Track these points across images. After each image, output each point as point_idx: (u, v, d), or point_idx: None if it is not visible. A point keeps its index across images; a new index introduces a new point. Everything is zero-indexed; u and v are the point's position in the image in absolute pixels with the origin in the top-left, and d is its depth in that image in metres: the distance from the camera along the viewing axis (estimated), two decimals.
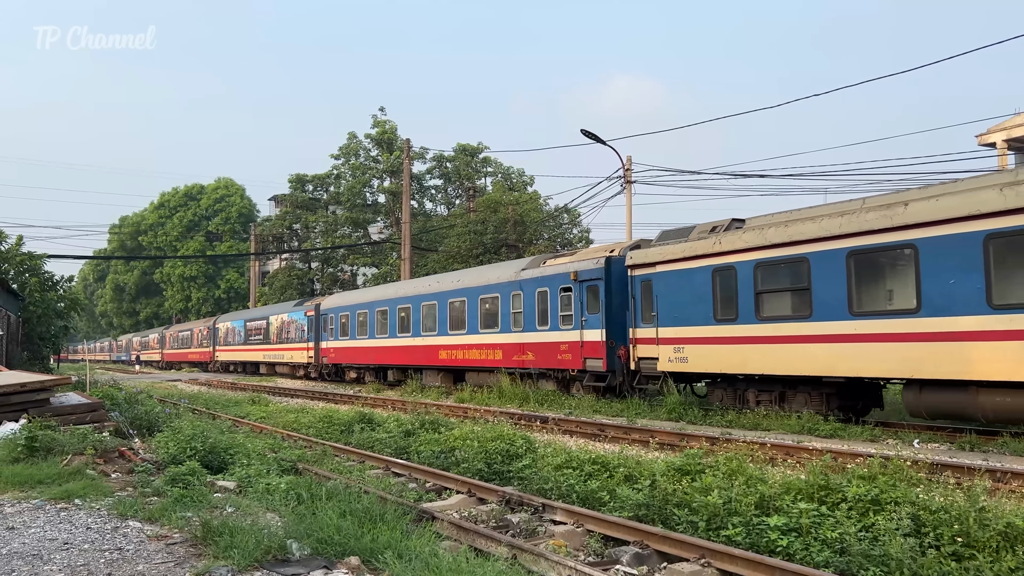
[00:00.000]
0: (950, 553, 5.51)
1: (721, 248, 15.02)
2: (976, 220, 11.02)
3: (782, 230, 13.87)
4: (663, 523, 6.91)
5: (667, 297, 16.22)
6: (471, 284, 23.41)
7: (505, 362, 21.42)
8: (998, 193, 10.81)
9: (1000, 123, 30.22)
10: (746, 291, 14.47)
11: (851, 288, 12.73)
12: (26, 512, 7.03)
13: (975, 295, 11.06)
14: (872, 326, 12.37)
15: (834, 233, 12.96)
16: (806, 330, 13.40)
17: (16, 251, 29.47)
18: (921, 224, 11.69)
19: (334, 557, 5.48)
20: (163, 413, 14.77)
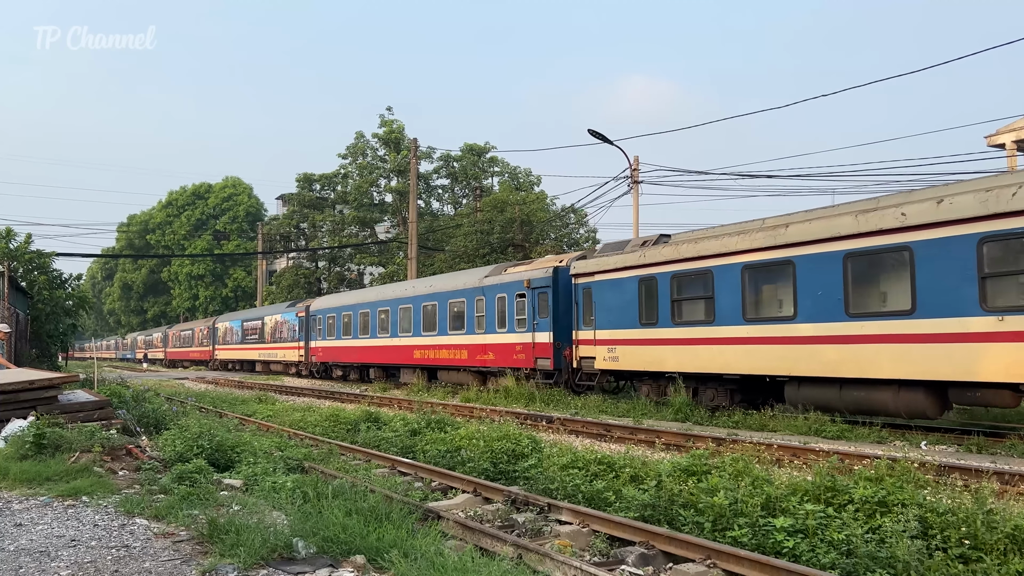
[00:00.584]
0: (957, 555, 5.49)
1: (645, 261, 16.98)
2: (836, 241, 13.00)
3: (693, 246, 15.85)
4: (669, 524, 6.90)
5: (603, 303, 18.10)
6: (441, 289, 25.16)
7: (470, 361, 23.12)
8: (853, 219, 12.82)
9: (1010, 124, 30.05)
10: (665, 299, 16.40)
11: (744, 297, 14.66)
12: (34, 509, 7.07)
13: (836, 305, 13.00)
14: (761, 330, 14.28)
15: (732, 249, 14.85)
16: (711, 333, 15.32)
17: (25, 249, 29.62)
18: (796, 243, 13.67)
19: (340, 556, 5.49)
20: (170, 411, 14.82)
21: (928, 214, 11.76)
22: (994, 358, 10.83)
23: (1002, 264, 10.90)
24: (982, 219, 11.02)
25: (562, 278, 19.82)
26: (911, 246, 11.97)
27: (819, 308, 13.24)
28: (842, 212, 13.31)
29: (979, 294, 11.05)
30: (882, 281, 12.77)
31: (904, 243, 12.06)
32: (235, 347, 46.70)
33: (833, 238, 13.05)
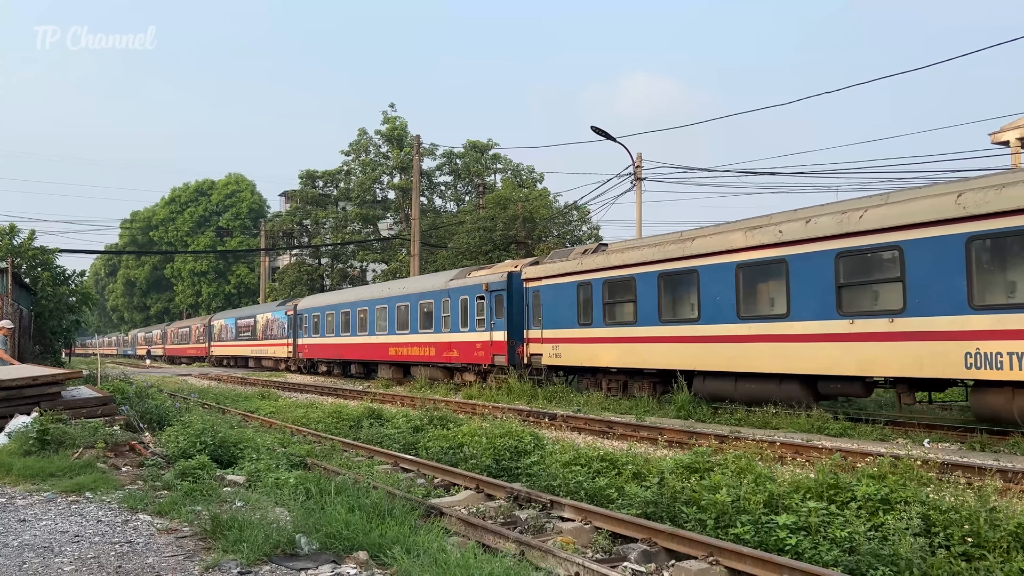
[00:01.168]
0: (960, 553, 5.48)
1: (582, 268, 18.96)
2: (730, 253, 15.02)
3: (620, 255, 17.84)
4: (671, 521, 6.90)
5: (549, 305, 20.08)
6: (413, 291, 27.14)
7: (438, 358, 25.02)
8: (743, 235, 14.80)
9: (1014, 121, 29.97)
10: (598, 302, 18.36)
11: (660, 301, 16.62)
12: (37, 505, 7.09)
13: (730, 309, 14.90)
14: (673, 331, 16.26)
15: (650, 259, 16.88)
16: (634, 333, 17.27)
17: (28, 245, 29.65)
18: (700, 255, 15.69)
19: (342, 552, 5.50)
20: (173, 407, 14.84)
21: (799, 232, 13.68)
22: (848, 355, 12.78)
23: (853, 275, 12.97)
24: (838, 237, 13.02)
25: (516, 282, 21.59)
26: (787, 259, 13.91)
27: (718, 311, 15.22)
28: (735, 229, 15.34)
29: (836, 301, 13.01)
30: (765, 289, 14.73)
31: (781, 256, 14.04)
32: (230, 344, 48.33)
33: (727, 251, 15.09)
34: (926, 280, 11.81)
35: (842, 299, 12.96)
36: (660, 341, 16.51)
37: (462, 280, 24.21)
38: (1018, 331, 10.64)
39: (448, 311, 24.44)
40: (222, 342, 50.14)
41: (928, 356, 11.68)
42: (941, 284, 11.60)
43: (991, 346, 10.91)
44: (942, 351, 11.50)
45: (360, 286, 37.01)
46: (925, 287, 11.82)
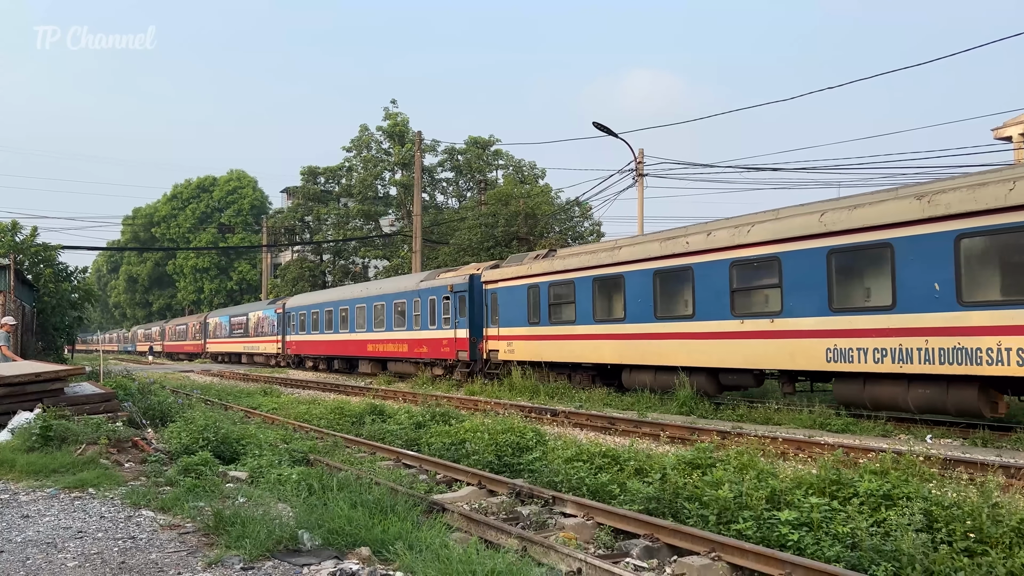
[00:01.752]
0: (962, 549, 5.48)
1: (532, 272, 20.88)
2: (648, 261, 17.00)
3: (562, 261, 19.89)
4: (673, 517, 6.90)
5: (504, 305, 21.96)
6: (388, 291, 28.99)
7: (410, 353, 26.92)
8: (659, 244, 16.79)
9: (1017, 116, 29.89)
10: (544, 303, 20.33)
11: (595, 302, 18.53)
12: (40, 501, 7.10)
13: (649, 309, 16.88)
14: (605, 329, 18.15)
15: (586, 265, 18.87)
16: (573, 331, 19.20)
17: (31, 242, 29.67)
18: (625, 262, 17.66)
19: (345, 548, 5.51)
20: (175, 404, 14.86)
21: (702, 243, 15.63)
22: (740, 350, 14.71)
23: (743, 282, 14.86)
24: (732, 248, 14.98)
25: (477, 284, 23.36)
26: (692, 266, 15.88)
27: (640, 312, 17.15)
28: (653, 240, 17.43)
29: (731, 304, 14.95)
30: (677, 292, 16.54)
31: (688, 264, 16.04)
32: (223, 341, 50.34)
33: (647, 259, 17.00)
34: (798, 286, 13.71)
35: (735, 302, 14.95)
36: (595, 338, 18.53)
37: (431, 281, 26.00)
38: (864, 330, 12.62)
39: (419, 310, 26.32)
40: (217, 339, 51.95)
41: (799, 351, 13.65)
42: (809, 290, 13.53)
43: (845, 343, 12.90)
44: (810, 347, 13.46)
45: (342, 286, 38.95)
46: (798, 292, 13.71)
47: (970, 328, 11.18)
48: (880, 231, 12.43)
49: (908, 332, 12.04)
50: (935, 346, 11.66)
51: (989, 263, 11.38)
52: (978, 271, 11.42)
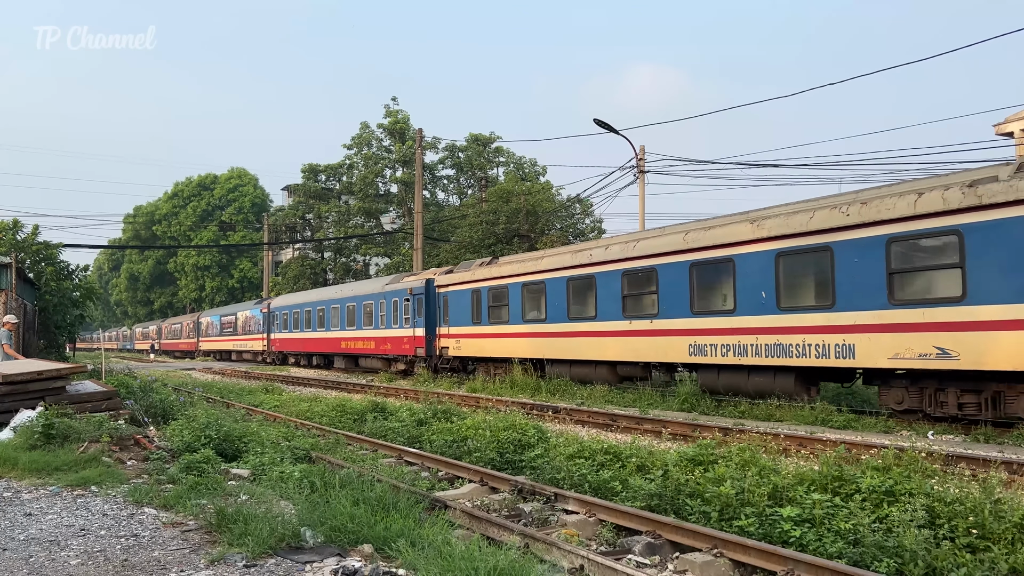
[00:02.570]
0: (965, 545, 5.48)
1: (475, 277, 23.52)
2: (563, 271, 19.85)
3: (498, 268, 22.66)
4: (675, 513, 6.90)
5: (453, 307, 24.58)
6: (359, 293, 31.56)
7: (377, 350, 29.56)
8: (571, 256, 19.77)
9: (1018, 112, 29.85)
10: (485, 305, 22.95)
11: (524, 305, 21.34)
12: (43, 499, 7.11)
13: (564, 311, 19.73)
14: (532, 328, 20.99)
15: (516, 272, 21.78)
16: (508, 330, 21.99)
17: (32, 240, 29.66)
18: (546, 270, 20.58)
19: (347, 545, 5.51)
20: (177, 402, 14.87)
21: (601, 256, 18.54)
22: (629, 346, 17.46)
23: (631, 288, 17.60)
24: (622, 260, 17.78)
25: (432, 288, 26.02)
26: (594, 275, 18.73)
27: (557, 313, 19.91)
28: (566, 252, 20.47)
29: (622, 307, 17.70)
30: (583, 296, 19.18)
31: (591, 273, 18.87)
32: (215, 339, 53.07)
33: (562, 268, 19.79)
34: (670, 292, 16.44)
35: (626, 305, 17.68)
36: (524, 336, 21.32)
37: (394, 285, 28.65)
38: (715, 329, 15.38)
39: (384, 311, 28.92)
40: (209, 337, 54.60)
41: (671, 347, 16.37)
42: (677, 295, 16.24)
43: (702, 340, 15.62)
44: (678, 343, 16.16)
45: (321, 288, 41.81)
46: (669, 297, 16.45)
47: (785, 328, 13.98)
48: (725, 248, 15.17)
49: (744, 331, 14.74)
50: (763, 343, 14.43)
51: (797, 276, 14.17)
52: (790, 282, 14.18)
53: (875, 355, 12.52)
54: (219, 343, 51.79)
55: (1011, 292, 10.90)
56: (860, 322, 12.80)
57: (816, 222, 13.52)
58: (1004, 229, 10.99)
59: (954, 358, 11.44)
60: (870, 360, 12.65)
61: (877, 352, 12.48)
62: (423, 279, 26.54)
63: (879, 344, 12.46)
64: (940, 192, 11.78)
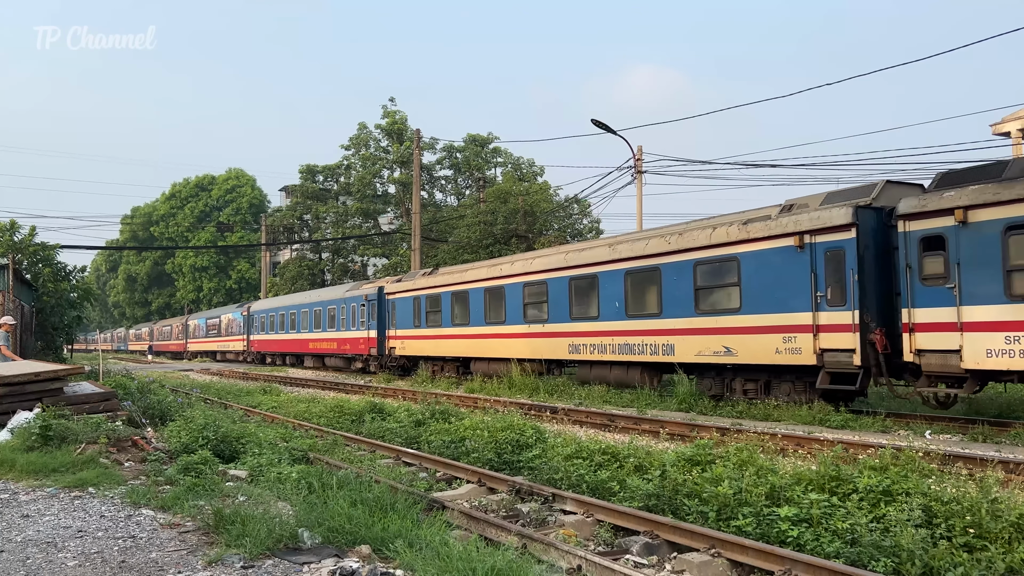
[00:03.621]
0: (962, 544, 5.49)
1: (416, 286, 26.96)
2: (482, 281, 23.21)
3: (435, 278, 26.07)
4: (673, 513, 6.91)
5: (400, 312, 27.94)
6: (324, 299, 35.19)
7: (339, 350, 33.00)
8: (487, 269, 23.30)
9: (1015, 112, 29.91)
10: (423, 310, 26.38)
11: (453, 311, 24.55)
12: (40, 500, 7.10)
13: (482, 316, 23.00)
14: (459, 331, 24.16)
15: (448, 282, 25.13)
16: (441, 332, 25.23)
17: (29, 242, 29.62)
18: (469, 281, 23.81)
19: (345, 546, 5.51)
20: (175, 403, 14.86)
21: (508, 269, 22.34)
22: (529, 346, 21.00)
23: (529, 298, 21.15)
24: (524, 274, 21.51)
25: (383, 294, 29.26)
26: (504, 287, 22.16)
27: (478, 318, 23.12)
28: (484, 266, 24.05)
29: (523, 313, 21.31)
30: (497, 304, 22.42)
31: (501, 284, 22.32)
32: (201, 340, 56.52)
33: (481, 279, 23.17)
34: (556, 302, 19.97)
35: (526, 312, 21.14)
36: (454, 338, 24.47)
37: (354, 291, 32.13)
38: (586, 332, 18.87)
39: (344, 315, 32.16)
40: (196, 339, 57.98)
41: (557, 347, 19.94)
42: (561, 305, 19.84)
43: (578, 341, 19.23)
44: (562, 343, 19.78)
45: (294, 293, 44.96)
46: (556, 306, 20.00)
47: (631, 331, 17.43)
48: (592, 267, 18.81)
49: (605, 334, 18.23)
50: (617, 343, 17.87)
51: (639, 290, 17.40)
52: (635, 295, 17.49)
53: (687, 352, 15.94)
54: (205, 344, 55.12)
55: (769, 305, 14.30)
56: (677, 327, 16.24)
57: (650, 248, 17.00)
58: (764, 257, 14.42)
59: (734, 354, 14.93)
60: (685, 356, 15.99)
61: (688, 350, 15.92)
62: (376, 287, 29.92)
63: (689, 344, 15.90)
64: (726, 227, 15.32)
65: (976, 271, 11.42)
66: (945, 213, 11.74)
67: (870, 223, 13.10)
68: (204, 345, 55.30)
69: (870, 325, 12.84)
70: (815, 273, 13.47)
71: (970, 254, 11.48)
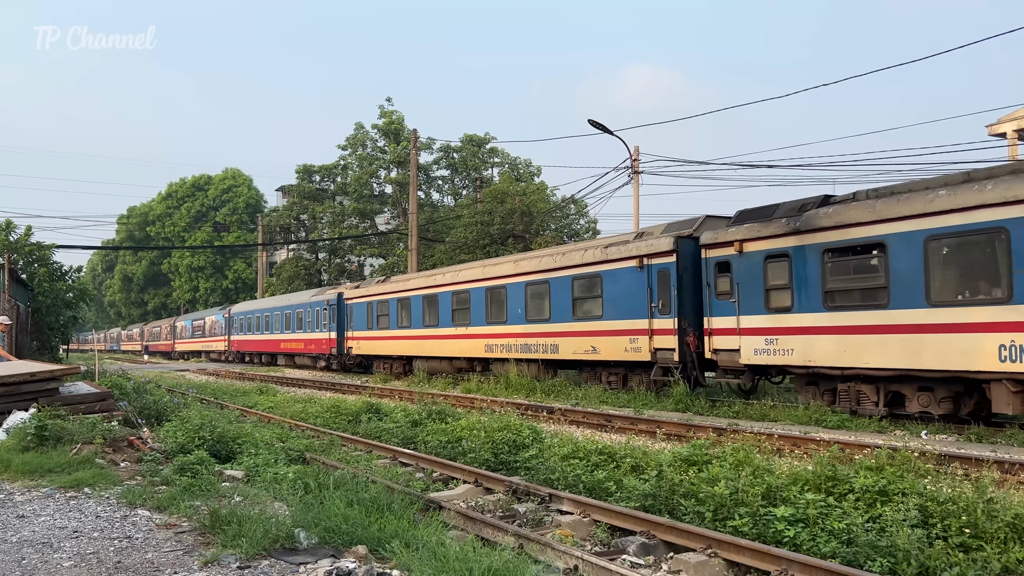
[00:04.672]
0: (958, 544, 5.50)
1: (369, 293, 30.25)
2: (421, 289, 26.14)
3: (386, 286, 29.08)
4: (670, 513, 6.91)
5: (356, 316, 31.04)
6: (293, 303, 38.41)
7: (304, 349, 36.40)
8: (424, 279, 26.26)
9: (1011, 113, 29.97)
10: (374, 314, 29.32)
11: (399, 315, 27.31)
12: (36, 500, 7.09)
13: (420, 320, 25.91)
14: (404, 332, 27.06)
15: (395, 290, 27.98)
16: (391, 334, 28.05)
17: (25, 241, 29.59)
18: (411, 289, 26.79)
19: (341, 546, 5.50)
20: (171, 403, 14.82)
21: (441, 280, 25.07)
22: (461, 345, 23.59)
23: (457, 305, 23.92)
24: (452, 284, 24.28)
25: (342, 300, 32.48)
26: (438, 295, 25.01)
27: (418, 322, 26.04)
28: (423, 276, 27.05)
29: (451, 317, 23.98)
30: (433, 310, 25.23)
31: (435, 292, 25.21)
32: (188, 340, 59.99)
33: (422, 287, 25.95)
34: (476, 308, 22.96)
35: (455, 317, 23.94)
36: (399, 339, 27.43)
37: (318, 296, 35.43)
38: (501, 334, 21.90)
39: (310, 318, 35.45)
40: (183, 339, 61.12)
41: (476, 346, 22.86)
42: (479, 311, 22.81)
43: (492, 341, 22.23)
44: (480, 343, 22.71)
45: (268, 297, 48.34)
46: (476, 312, 22.98)
47: (530, 334, 20.64)
48: (502, 279, 21.98)
49: (511, 336, 21.42)
50: (520, 343, 21.08)
51: (534, 299, 20.66)
52: (532, 303, 20.70)
53: (568, 351, 19.30)
54: (191, 344, 58.64)
55: (620, 313, 17.57)
56: (561, 330, 19.53)
57: (543, 264, 20.40)
58: (618, 275, 17.81)
59: (598, 353, 18.32)
60: (566, 354, 19.37)
61: (568, 349, 19.27)
62: (336, 293, 33.26)
63: (569, 344, 19.25)
64: (594, 250, 18.79)
65: (748, 289, 14.59)
66: (729, 244, 14.91)
67: (688, 250, 16.26)
68: (190, 345, 58.77)
69: (686, 330, 16.09)
70: (651, 288, 16.77)
71: (744, 276, 14.67)
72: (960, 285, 11.39)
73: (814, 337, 13.27)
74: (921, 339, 11.66)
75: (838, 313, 12.93)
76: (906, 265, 11.91)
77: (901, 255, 11.98)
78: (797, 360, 13.57)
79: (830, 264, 13.09)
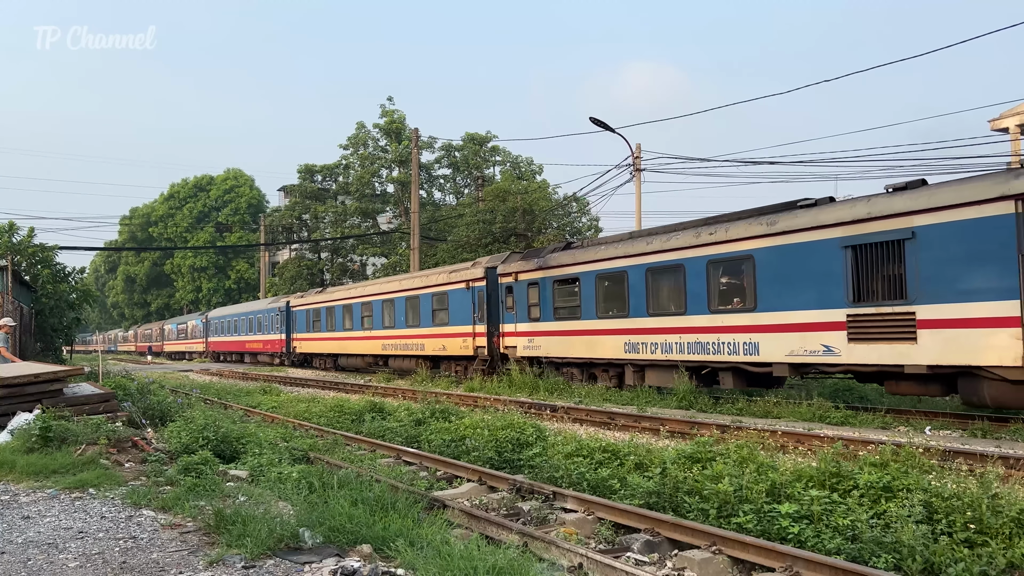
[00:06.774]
0: (963, 540, 5.49)
1: (306, 302, 36.14)
2: (379, 295, 29.53)
3: (323, 295, 34.56)
4: (674, 511, 6.91)
5: (299, 321, 37.00)
6: (254, 309, 44.79)
7: (263, 349, 42.26)
8: (380, 286, 30.07)
9: (1013, 108, 29.88)
10: (310, 320, 35.18)
11: (344, 319, 31.78)
12: (41, 501, 7.10)
13: (340, 324, 32.56)
14: (330, 335, 32.91)
15: (329, 299, 33.54)
16: (324, 336, 33.75)
17: (28, 243, 29.60)
18: (370, 294, 30.39)
19: (346, 545, 5.51)
20: (175, 403, 14.84)
21: (413, 284, 27.45)
22: (363, 345, 29.56)
23: (364, 312, 30.14)
24: (361, 297, 30.29)
25: (289, 307, 38.24)
26: (393, 300, 28.27)
27: (340, 326, 31.81)
28: (379, 283, 30.76)
29: (405, 319, 26.99)
30: (347, 316, 30.89)
31: (350, 303, 31.51)
32: (173, 342, 66.21)
33: (380, 293, 29.39)
34: (376, 315, 28.81)
35: (363, 322, 29.84)
36: (327, 340, 33.28)
37: (272, 304, 41.52)
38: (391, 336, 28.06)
39: (267, 322, 41.56)
40: (169, 341, 67.35)
41: (376, 346, 28.52)
42: (378, 317, 28.82)
43: (386, 342, 28.05)
44: (378, 343, 28.13)
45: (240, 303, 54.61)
46: (376, 318, 28.85)
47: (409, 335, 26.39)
48: (394, 293, 27.82)
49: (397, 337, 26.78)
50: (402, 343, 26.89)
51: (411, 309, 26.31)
52: (410, 311, 26.23)
53: (430, 349, 25.29)
54: (176, 345, 64.86)
55: (459, 321, 23.78)
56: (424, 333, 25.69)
57: (415, 283, 26.59)
58: (457, 292, 24.02)
59: (447, 350, 24.47)
60: (428, 351, 25.52)
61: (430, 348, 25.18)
62: (286, 301, 39.18)
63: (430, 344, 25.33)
64: (444, 274, 25.03)
65: (520, 305, 21.21)
66: (511, 275, 21.65)
67: (494, 276, 22.68)
68: (176, 346, 65.30)
69: (493, 332, 22.46)
70: (474, 303, 23.23)
71: (519, 296, 21.27)
72: (607, 305, 18.18)
73: (550, 338, 20.12)
74: (595, 339, 18.45)
75: (560, 322, 19.73)
76: (588, 292, 18.72)
77: (587, 286, 18.76)
78: (543, 353, 20.31)
79: (557, 290, 19.94)
